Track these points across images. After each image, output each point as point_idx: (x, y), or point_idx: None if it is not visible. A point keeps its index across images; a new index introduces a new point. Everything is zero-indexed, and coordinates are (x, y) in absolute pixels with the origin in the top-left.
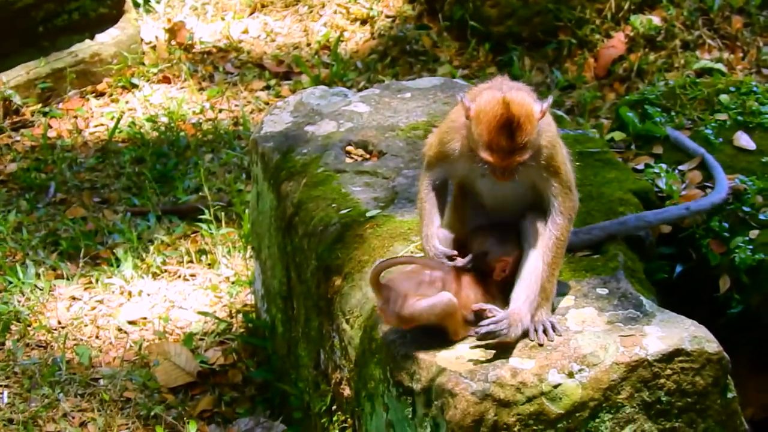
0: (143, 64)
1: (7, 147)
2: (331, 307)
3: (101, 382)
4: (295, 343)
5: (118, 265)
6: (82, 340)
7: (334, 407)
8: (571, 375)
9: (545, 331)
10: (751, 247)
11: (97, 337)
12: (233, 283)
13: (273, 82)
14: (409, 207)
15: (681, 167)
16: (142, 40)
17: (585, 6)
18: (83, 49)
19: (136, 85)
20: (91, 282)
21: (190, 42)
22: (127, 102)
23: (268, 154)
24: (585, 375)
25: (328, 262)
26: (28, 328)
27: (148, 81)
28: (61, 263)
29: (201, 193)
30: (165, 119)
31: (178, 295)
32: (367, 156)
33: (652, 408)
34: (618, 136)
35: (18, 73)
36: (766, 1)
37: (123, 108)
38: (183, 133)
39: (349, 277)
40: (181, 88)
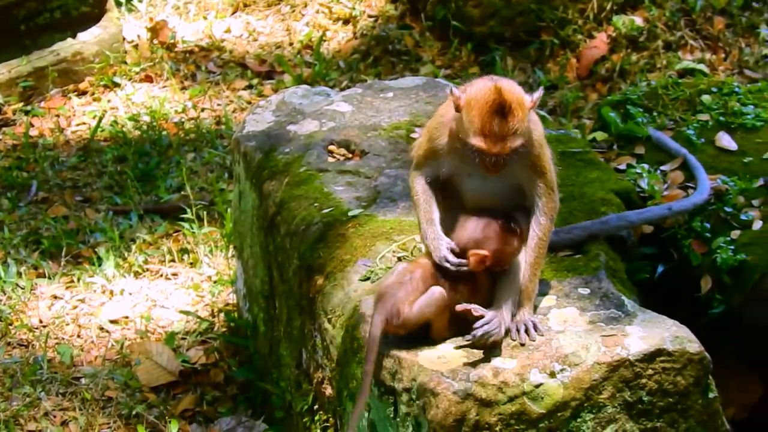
0: (125, 63)
1: None
2: (313, 307)
3: (83, 381)
4: (277, 342)
5: (99, 264)
6: (63, 339)
7: (316, 407)
8: (552, 375)
9: (527, 331)
10: (732, 247)
11: (78, 336)
12: (215, 282)
13: (255, 81)
14: (391, 206)
15: (663, 167)
16: (124, 38)
17: (567, 6)
18: (65, 47)
19: (119, 84)
20: (72, 281)
21: (172, 41)
22: (109, 101)
23: (250, 154)
24: (567, 375)
25: (310, 261)
26: (10, 327)
27: (130, 80)
28: (43, 262)
29: (183, 192)
30: (147, 118)
31: (160, 294)
32: (350, 155)
33: (633, 408)
34: (600, 136)
35: None
36: (748, 2)
37: (105, 107)
38: (165, 132)
39: (331, 276)
40: (164, 87)
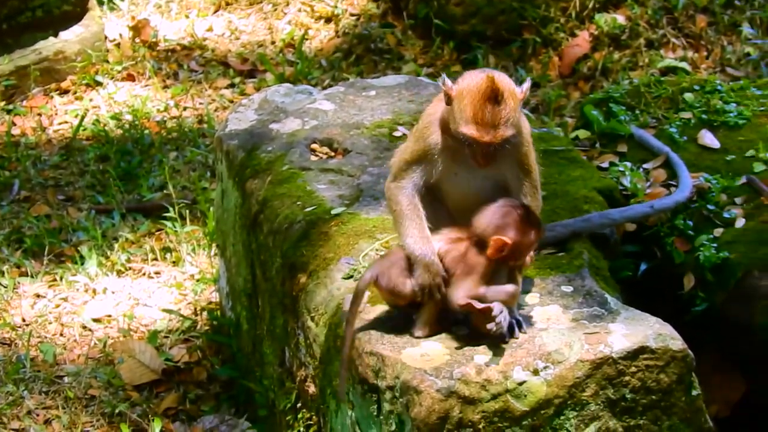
0: (107, 61)
1: None
2: (296, 305)
3: (66, 379)
4: (260, 340)
5: (82, 263)
6: (46, 337)
7: (299, 405)
8: (536, 372)
9: (511, 329)
10: (715, 245)
11: (61, 334)
12: (198, 280)
13: (237, 80)
14: (374, 204)
15: (645, 165)
16: (106, 37)
17: (549, 4)
18: (47, 46)
19: (101, 83)
20: (55, 279)
21: (154, 40)
22: (91, 100)
23: (233, 152)
24: (550, 372)
25: (293, 259)
26: None
27: (112, 79)
28: (26, 261)
29: (165, 191)
30: (129, 117)
31: (143, 293)
32: (332, 154)
33: (616, 405)
34: (583, 134)
35: None
36: (730, 0)
37: (87, 106)
38: (147, 131)
39: (314, 274)
40: (146, 85)
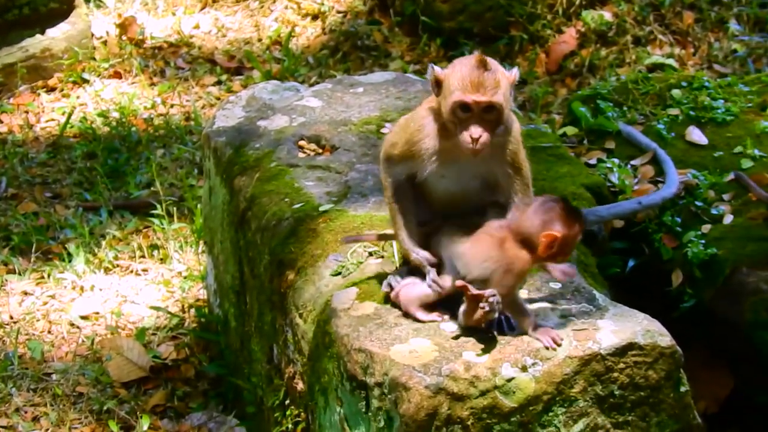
0: (94, 59)
1: None
2: (284, 302)
3: (54, 376)
4: (248, 337)
5: (70, 260)
6: (34, 334)
7: (288, 401)
8: (524, 369)
9: (500, 325)
10: (703, 241)
11: (49, 332)
12: (185, 278)
13: (224, 77)
14: (362, 201)
15: (633, 162)
16: (92, 35)
17: (536, 1)
18: (34, 44)
19: (87, 80)
20: (43, 277)
21: (141, 37)
22: (78, 97)
23: (220, 149)
24: (538, 369)
25: (281, 256)
26: None
27: (99, 76)
28: (13, 258)
29: (153, 188)
30: (116, 114)
31: (131, 290)
32: (320, 150)
33: (605, 402)
34: (570, 131)
35: None
36: None
37: (74, 103)
38: (134, 128)
39: (302, 271)
40: (133, 83)
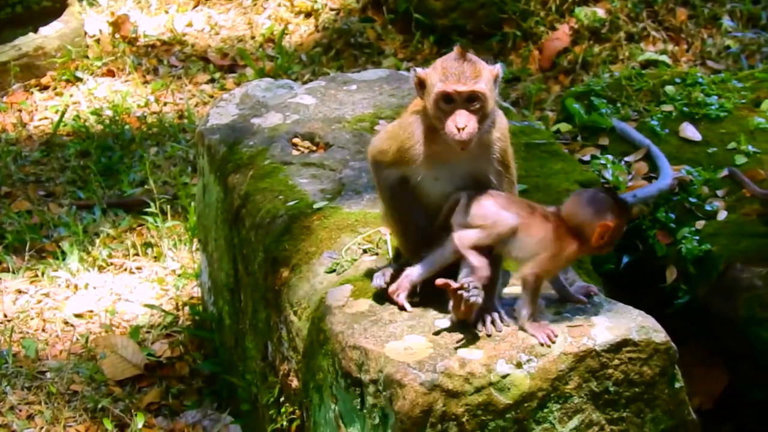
0: (87, 57)
1: None
2: (278, 299)
3: (48, 375)
4: (242, 335)
5: (63, 259)
6: (28, 333)
7: (282, 399)
8: (519, 365)
9: (493, 322)
10: (697, 237)
11: (43, 330)
12: (179, 275)
13: (217, 75)
14: (356, 198)
15: (627, 158)
16: (85, 33)
17: None
18: (27, 42)
19: (81, 79)
20: (37, 275)
21: (134, 35)
22: (71, 95)
23: (214, 147)
24: (533, 365)
25: (275, 253)
26: None
27: (92, 74)
28: (7, 256)
29: (146, 186)
30: (109, 112)
31: (125, 288)
32: (314, 148)
33: (600, 398)
34: (564, 127)
35: None
36: None
37: (67, 101)
38: (128, 127)
39: (296, 268)
40: (126, 81)
